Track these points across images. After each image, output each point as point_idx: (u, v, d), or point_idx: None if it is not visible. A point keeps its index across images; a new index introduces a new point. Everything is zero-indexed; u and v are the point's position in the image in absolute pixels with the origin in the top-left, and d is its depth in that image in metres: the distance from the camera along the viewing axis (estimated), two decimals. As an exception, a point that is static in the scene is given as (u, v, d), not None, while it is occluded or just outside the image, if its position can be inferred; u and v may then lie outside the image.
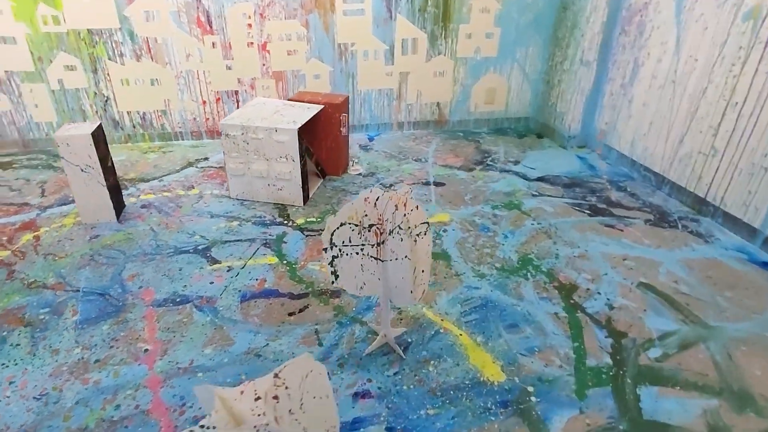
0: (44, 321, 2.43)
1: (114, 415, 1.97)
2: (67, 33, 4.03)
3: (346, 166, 4.11)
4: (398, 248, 1.99)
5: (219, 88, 4.50)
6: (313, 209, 3.51)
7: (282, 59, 4.47)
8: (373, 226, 2.07)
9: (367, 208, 2.03)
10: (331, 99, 3.81)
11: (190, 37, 4.23)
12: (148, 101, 4.42)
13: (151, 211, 3.43)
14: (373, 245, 2.09)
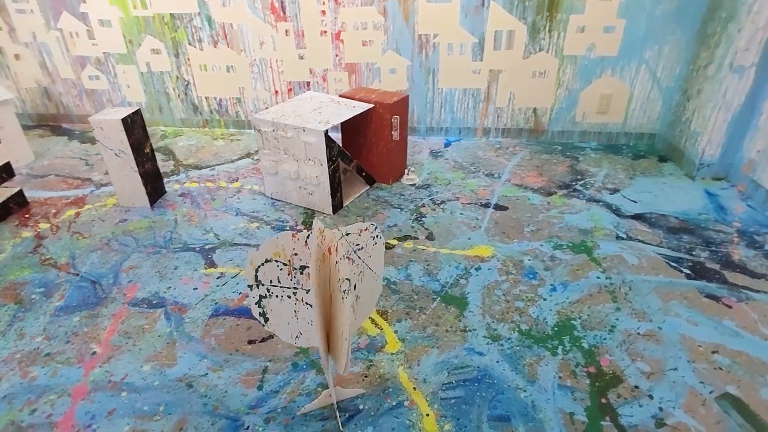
0: (33, 301, 2.46)
1: (25, 420, 1.85)
2: (153, 17, 4.19)
3: (400, 174, 3.64)
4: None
5: (291, 78, 4.33)
6: (342, 220, 3.14)
7: (356, 50, 4.13)
8: (305, 268, 1.63)
9: (297, 247, 1.59)
10: (385, 98, 3.37)
11: (263, 24, 4.12)
12: (224, 88, 4.44)
13: (186, 200, 3.38)
14: (307, 291, 1.66)
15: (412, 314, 2.34)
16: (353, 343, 2.18)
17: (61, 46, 4.39)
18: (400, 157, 3.60)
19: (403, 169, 3.65)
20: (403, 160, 3.67)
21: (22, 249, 2.86)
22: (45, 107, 4.74)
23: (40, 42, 4.40)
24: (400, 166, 3.63)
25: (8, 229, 3.06)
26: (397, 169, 3.61)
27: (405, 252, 2.80)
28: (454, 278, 2.58)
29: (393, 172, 3.58)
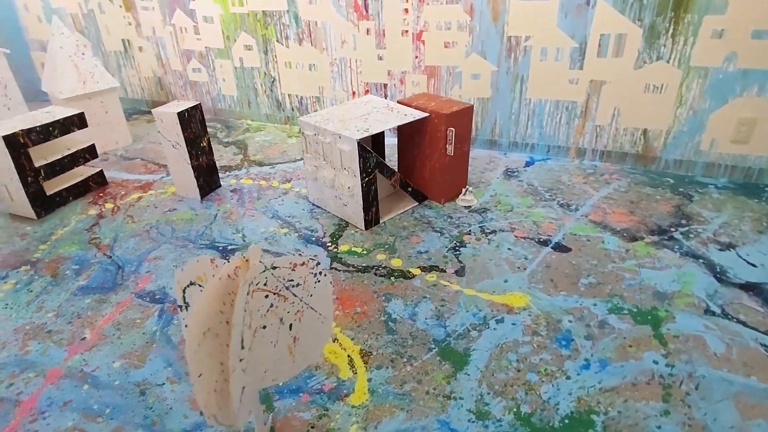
0: (65, 277, 2.64)
1: (1, 392, 1.95)
2: (248, 14, 4.32)
3: (456, 193, 3.24)
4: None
5: (369, 80, 4.15)
6: (371, 237, 2.87)
7: (438, 52, 3.80)
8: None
9: (217, 273, 1.39)
10: (444, 107, 3.00)
11: (346, 22, 3.99)
12: (305, 86, 4.43)
13: (234, 197, 3.40)
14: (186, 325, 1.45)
15: (397, 363, 2.00)
16: (318, 383, 1.92)
17: (173, 40, 4.78)
18: (458, 175, 3.20)
19: (461, 189, 3.24)
20: (462, 178, 3.25)
21: (82, 225, 3.12)
22: (158, 95, 5.22)
23: (158, 36, 4.83)
24: (457, 184, 3.23)
25: (81, 205, 3.37)
26: (453, 188, 3.21)
27: (423, 285, 2.44)
28: (466, 328, 2.16)
29: (447, 191, 3.19)
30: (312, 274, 1.51)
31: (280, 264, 1.44)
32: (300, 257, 1.47)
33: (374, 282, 2.48)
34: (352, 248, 2.77)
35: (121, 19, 4.90)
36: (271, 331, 1.50)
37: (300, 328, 1.57)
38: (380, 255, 2.70)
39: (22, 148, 3.04)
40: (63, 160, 3.30)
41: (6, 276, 2.65)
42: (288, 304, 1.51)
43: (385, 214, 3.08)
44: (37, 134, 3.12)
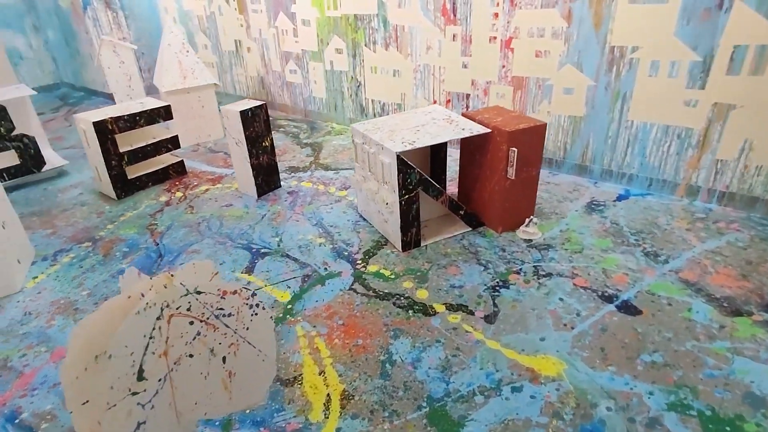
0: (113, 258, 2.79)
1: (13, 360, 2.07)
2: (341, 18, 4.28)
3: (518, 222, 2.81)
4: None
5: (451, 89, 3.85)
6: (406, 261, 2.59)
7: (527, 61, 3.37)
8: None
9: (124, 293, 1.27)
10: (508, 124, 2.61)
11: (433, 27, 3.74)
12: (388, 92, 4.27)
13: (288, 199, 3.35)
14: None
15: (376, 416, 1.72)
16: (284, 420, 1.72)
17: (275, 41, 4.94)
18: (522, 202, 2.77)
19: (524, 218, 2.80)
20: (527, 206, 2.81)
21: (149, 210, 3.31)
22: (260, 94, 5.46)
23: (263, 38, 5.05)
24: (521, 212, 2.80)
25: (157, 191, 3.59)
26: (514, 216, 2.79)
27: (441, 326, 2.11)
28: (472, 389, 1.79)
29: (506, 219, 2.78)
30: (247, 305, 1.32)
31: (206, 290, 1.27)
32: (232, 284, 1.29)
33: (389, 313, 2.21)
34: (381, 270, 2.52)
35: (235, 21, 5.22)
36: (200, 361, 1.34)
37: (236, 362, 1.38)
38: (408, 283, 2.41)
39: (109, 134, 3.32)
40: (146, 147, 3.55)
41: (70, 249, 2.89)
42: (219, 334, 1.33)
43: (431, 236, 2.78)
44: (125, 122, 3.38)
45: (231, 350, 1.35)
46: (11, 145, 3.60)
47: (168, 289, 1.22)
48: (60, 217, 3.29)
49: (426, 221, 2.94)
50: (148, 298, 1.18)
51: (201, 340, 1.31)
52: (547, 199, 3.16)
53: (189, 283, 1.24)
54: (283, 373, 1.93)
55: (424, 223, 2.92)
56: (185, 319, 1.27)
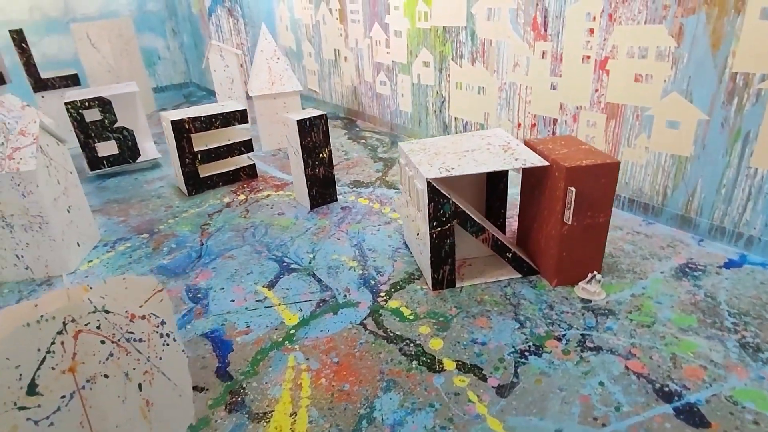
0: (160, 252, 2.90)
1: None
2: (430, 29, 4.07)
3: (579, 276, 2.35)
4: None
5: (537, 112, 3.42)
6: (432, 302, 2.30)
7: (624, 86, 2.86)
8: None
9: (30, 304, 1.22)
10: (571, 158, 2.20)
11: (521, 42, 3.36)
12: (472, 110, 3.95)
13: (338, 215, 3.23)
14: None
15: (327, 484, 1.48)
16: (233, 464, 1.57)
17: (369, 52, 4.90)
18: (584, 253, 2.32)
19: (589, 272, 2.33)
20: (592, 258, 2.34)
21: (210, 209, 3.41)
22: (353, 104, 5.46)
23: (359, 47, 5.04)
24: (582, 264, 2.34)
25: (224, 191, 3.71)
26: (574, 268, 2.34)
27: (443, 388, 1.80)
28: (447, 478, 1.48)
29: (563, 270, 2.34)
30: (157, 333, 1.18)
31: (114, 309, 1.16)
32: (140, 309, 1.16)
33: (391, 359, 1.96)
34: (402, 307, 2.27)
35: (336, 30, 5.29)
36: (115, 383, 1.23)
37: (152, 392, 1.26)
38: (425, 328, 2.13)
39: (185, 133, 3.49)
40: (220, 148, 3.68)
41: (129, 239, 3.07)
42: (132, 359, 1.22)
43: (470, 276, 2.45)
44: (201, 123, 3.54)
45: (146, 378, 1.23)
46: (112, 135, 3.98)
47: (73, 304, 1.13)
48: (136, 206, 3.54)
49: (470, 259, 2.61)
50: (44, 310, 1.10)
51: (114, 361, 1.21)
52: (630, 252, 2.63)
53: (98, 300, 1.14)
54: (256, 405, 1.78)
55: (467, 261, 2.59)
56: (96, 338, 1.18)
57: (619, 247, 2.70)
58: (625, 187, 3.05)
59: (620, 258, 2.59)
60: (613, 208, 3.10)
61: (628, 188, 3.04)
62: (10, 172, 2.41)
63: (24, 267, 2.64)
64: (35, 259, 2.63)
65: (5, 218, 2.51)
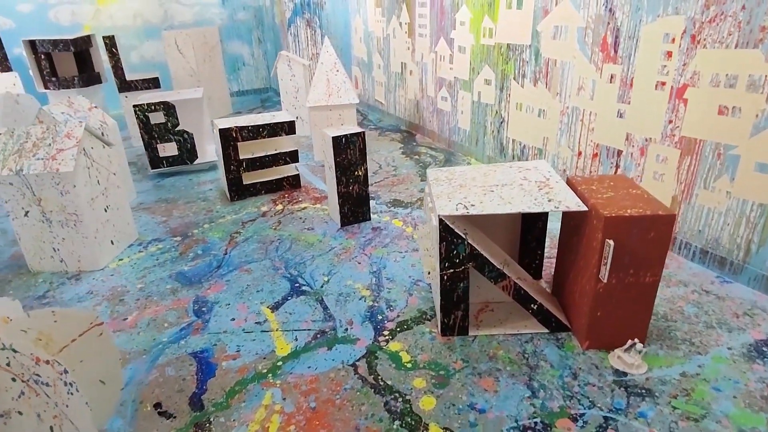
0: (185, 257, 2.91)
1: (47, 337, 2.28)
2: (494, 46, 3.79)
3: (616, 341, 1.98)
4: None
5: (601, 141, 3.03)
6: (438, 351, 2.05)
7: (705, 119, 2.41)
8: None
9: None
10: (614, 204, 1.85)
11: (588, 64, 2.99)
12: (530, 134, 3.61)
13: (367, 236, 3.06)
14: None
15: None
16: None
17: (433, 66, 4.70)
18: (625, 315, 1.95)
19: (629, 338, 1.96)
20: (635, 323, 1.96)
21: (245, 217, 3.40)
22: (414, 118, 5.28)
23: (424, 62, 4.86)
24: (622, 329, 1.97)
25: (264, 199, 3.70)
26: (611, 332, 1.98)
27: (417, 460, 1.56)
28: None
29: (597, 333, 1.99)
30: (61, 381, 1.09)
31: (21, 350, 1.08)
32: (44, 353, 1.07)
33: (373, 414, 1.75)
34: (402, 352, 2.05)
35: (404, 44, 5.16)
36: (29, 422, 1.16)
37: (64, 437, 1.17)
38: (420, 381, 1.89)
39: (232, 141, 3.53)
40: (264, 158, 3.68)
41: (163, 240, 3.13)
42: (41, 401, 1.13)
43: (488, 325, 2.17)
44: (248, 132, 3.56)
45: (56, 422, 1.14)
46: (174, 137, 4.14)
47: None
48: (180, 207, 3.63)
49: (495, 303, 2.32)
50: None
51: (26, 400, 1.13)
52: (692, 316, 2.20)
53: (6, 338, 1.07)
54: (218, 444, 1.66)
55: (490, 306, 2.31)
56: (7, 374, 1.11)
57: (678, 308, 2.27)
58: (697, 236, 2.58)
59: (677, 323, 2.17)
60: (682, 259, 2.65)
61: (701, 237, 2.57)
62: (51, 171, 2.53)
63: (59, 260, 2.77)
64: (69, 253, 2.75)
65: (45, 213, 2.65)
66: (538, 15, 3.31)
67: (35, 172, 2.53)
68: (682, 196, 2.61)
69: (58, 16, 6.75)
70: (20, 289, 2.65)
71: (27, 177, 2.56)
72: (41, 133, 2.66)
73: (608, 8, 2.79)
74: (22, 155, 2.60)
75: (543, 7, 3.25)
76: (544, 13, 3.26)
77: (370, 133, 5.40)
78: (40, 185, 2.58)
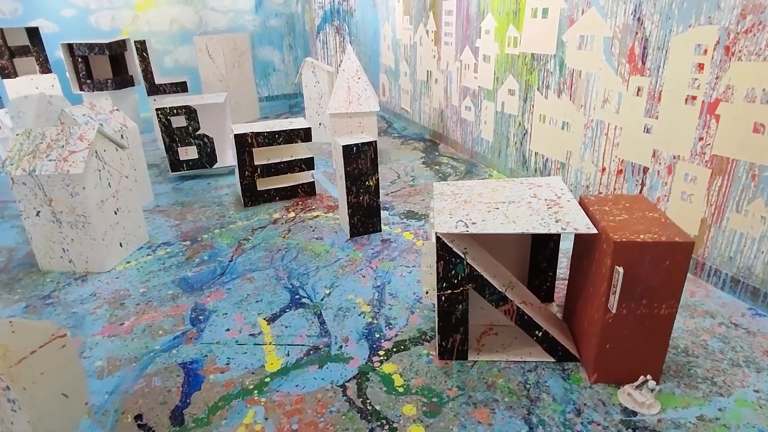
0: (190, 263, 2.90)
1: (46, 337, 2.29)
2: (518, 56, 3.65)
3: (626, 377, 1.82)
4: None
5: (626, 157, 2.85)
6: (434, 375, 1.94)
7: (738, 136, 2.22)
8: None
9: None
10: (628, 229, 1.70)
11: (614, 76, 2.82)
12: (553, 147, 3.45)
13: (375, 248, 2.97)
14: None
15: None
16: None
17: (458, 75, 4.59)
18: (639, 348, 1.79)
19: (642, 375, 1.79)
20: (648, 358, 1.80)
21: (256, 224, 3.38)
22: (438, 127, 5.17)
23: (449, 70, 4.75)
24: (637, 361, 1.81)
25: (278, 206, 3.67)
26: (623, 364, 1.82)
27: (395, 496, 1.46)
28: None
29: (606, 366, 1.84)
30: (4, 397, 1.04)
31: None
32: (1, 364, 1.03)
33: (356, 440, 1.66)
34: (395, 374, 1.95)
35: (430, 52, 5.07)
36: None
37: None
38: (410, 408, 1.79)
39: (248, 147, 3.52)
40: (280, 164, 3.66)
41: (173, 244, 3.14)
42: None
43: (489, 350, 2.04)
44: (264, 138, 3.54)
45: None
46: (194, 141, 4.18)
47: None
48: (195, 211, 3.64)
49: (500, 327, 2.19)
50: None
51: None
52: (716, 352, 2.01)
53: None
54: (193, 462, 1.60)
55: (495, 329, 2.18)
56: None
57: (701, 341, 2.08)
58: (728, 263, 2.38)
59: (698, 359, 1.98)
60: (710, 287, 2.45)
61: (732, 264, 2.36)
62: (62, 173, 2.57)
63: (68, 260, 2.80)
64: (78, 254, 2.78)
65: (55, 213, 2.68)
66: (563, 24, 3.16)
67: (47, 172, 2.57)
68: (712, 219, 2.41)
69: (99, 21, 7.00)
70: (28, 288, 2.69)
71: (39, 177, 2.60)
72: (56, 135, 2.71)
73: (636, 17, 2.62)
74: (36, 156, 2.64)
75: (569, 16, 3.10)
76: (569, 22, 3.11)
77: (392, 141, 5.32)
78: (51, 186, 2.62)
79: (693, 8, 2.33)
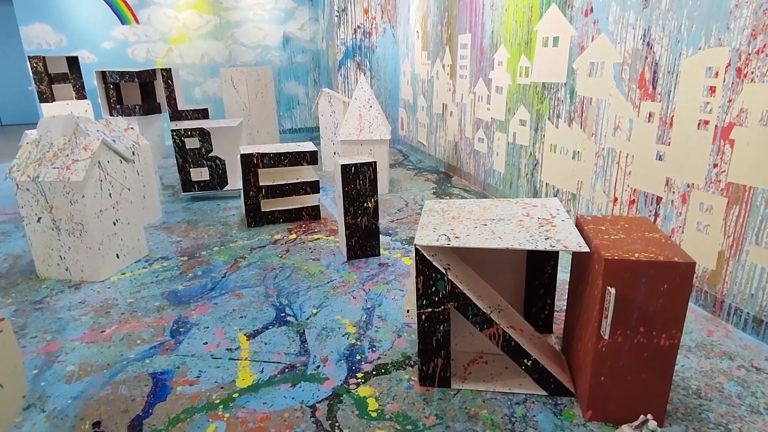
0: (183, 277, 2.86)
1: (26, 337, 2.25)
2: (529, 86, 3.60)
3: (624, 416, 1.64)
4: None
5: (638, 186, 2.71)
6: (414, 402, 1.79)
7: (755, 162, 2.07)
8: None
9: None
10: (623, 248, 1.57)
11: (625, 102, 2.73)
12: (564, 177, 3.33)
13: (371, 271, 2.87)
14: None
15: None
16: None
17: (472, 107, 4.57)
18: (640, 382, 1.61)
19: (642, 414, 1.60)
20: (654, 393, 1.62)
21: (257, 244, 3.34)
22: (453, 159, 5.12)
23: (463, 103, 4.74)
24: (637, 398, 1.63)
25: (281, 228, 3.63)
26: (622, 401, 1.64)
27: None
28: None
29: (604, 401, 1.66)
30: None
31: None
32: None
33: (317, 465, 1.52)
34: (370, 399, 1.81)
35: (445, 85, 5.09)
36: None
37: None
38: (382, 433, 1.64)
39: (252, 168, 3.53)
40: (284, 186, 3.65)
41: (169, 259, 3.11)
42: None
43: (478, 378, 1.88)
44: (269, 159, 3.55)
45: None
46: (206, 163, 4.24)
47: None
48: (199, 229, 3.64)
49: (487, 355, 2.03)
50: None
51: None
52: (733, 397, 1.80)
53: None
54: (140, 477, 1.49)
55: (485, 357, 2.02)
56: None
57: (716, 384, 1.87)
58: (749, 300, 2.18)
59: (711, 402, 1.78)
60: (730, 327, 2.24)
61: (753, 302, 2.16)
62: (63, 180, 2.60)
63: (65, 268, 2.80)
64: (74, 262, 2.78)
65: (55, 221, 2.71)
66: (574, 52, 3.12)
67: (49, 179, 2.61)
68: (730, 251, 2.23)
69: (135, 53, 7.37)
70: (22, 293, 2.68)
71: (42, 184, 2.64)
72: (63, 144, 2.77)
73: (646, 42, 2.55)
74: (42, 163, 2.70)
75: (579, 43, 3.06)
76: (580, 50, 3.06)
77: (406, 173, 5.29)
78: (52, 193, 2.65)
79: (702, 30, 2.25)
